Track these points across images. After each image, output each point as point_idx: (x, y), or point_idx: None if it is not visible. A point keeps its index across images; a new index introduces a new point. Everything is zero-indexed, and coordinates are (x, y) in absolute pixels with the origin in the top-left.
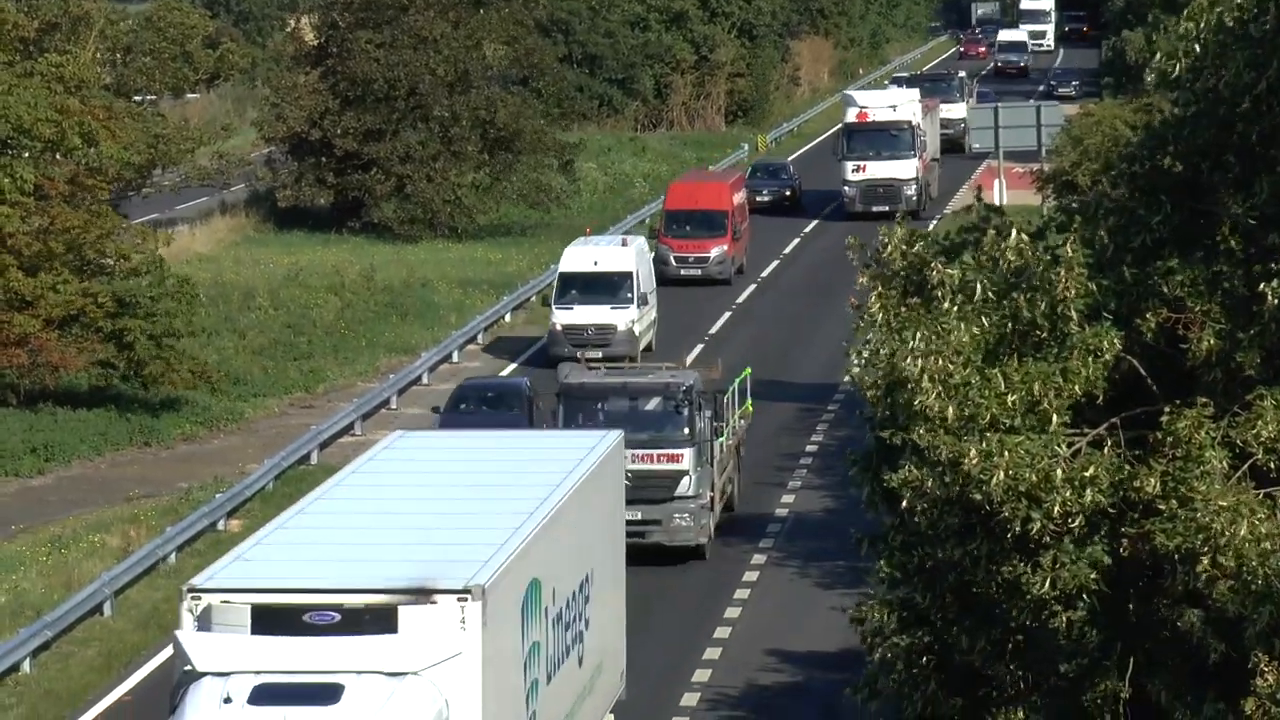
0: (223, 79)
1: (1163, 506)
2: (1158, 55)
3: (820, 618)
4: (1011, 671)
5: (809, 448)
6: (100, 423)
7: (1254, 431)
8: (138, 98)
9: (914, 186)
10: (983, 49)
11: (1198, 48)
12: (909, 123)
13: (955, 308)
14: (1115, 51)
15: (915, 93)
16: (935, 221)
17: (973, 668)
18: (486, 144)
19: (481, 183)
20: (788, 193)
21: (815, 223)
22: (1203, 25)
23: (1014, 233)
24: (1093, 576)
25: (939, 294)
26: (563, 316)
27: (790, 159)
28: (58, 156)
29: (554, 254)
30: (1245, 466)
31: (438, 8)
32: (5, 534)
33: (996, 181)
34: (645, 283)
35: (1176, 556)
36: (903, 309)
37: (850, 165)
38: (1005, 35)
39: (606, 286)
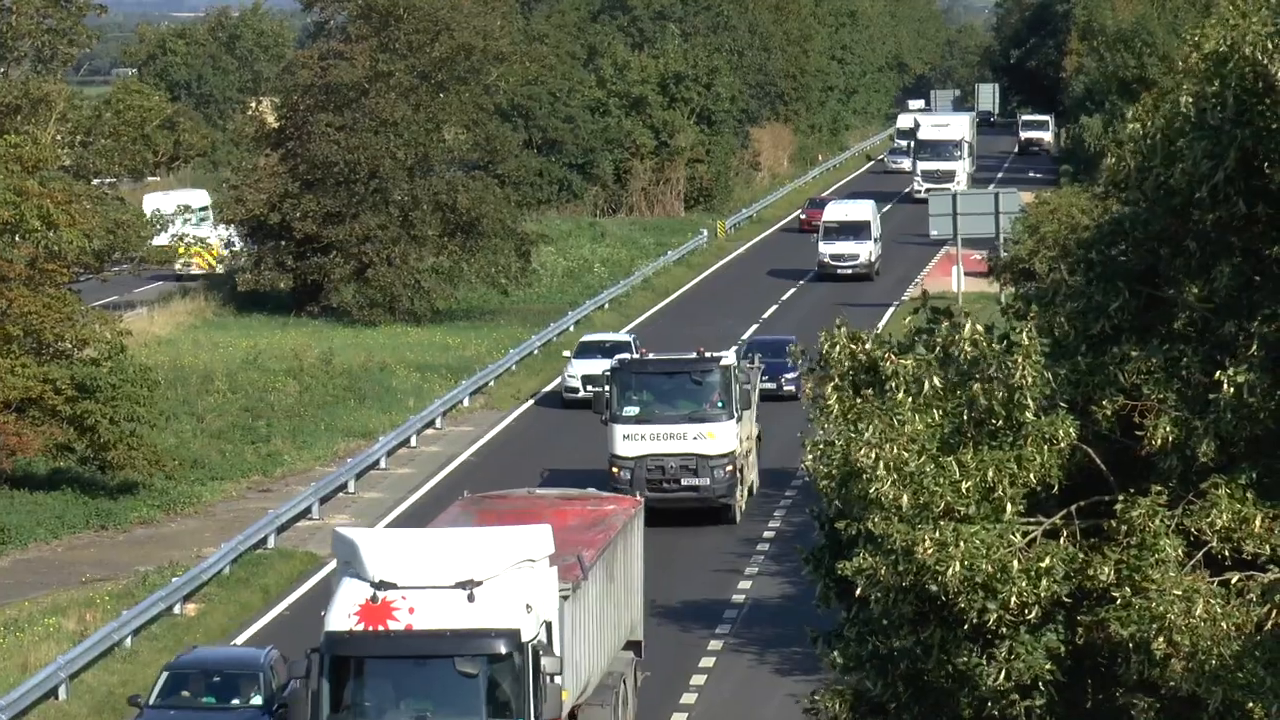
0: (182, 161)
1: (1117, 594)
2: (1109, 158)
3: (777, 705)
4: None
5: (766, 533)
6: (57, 506)
7: (1208, 519)
8: (97, 180)
9: None
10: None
11: (1145, 146)
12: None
13: (910, 398)
14: (1074, 139)
15: (536, 548)
16: (894, 308)
17: None
18: (447, 228)
19: (441, 267)
20: None
21: None
22: (1150, 125)
23: (969, 324)
24: (1048, 667)
25: (892, 385)
26: None
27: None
28: (16, 239)
29: (513, 338)
30: (1200, 554)
31: (398, 91)
32: None
33: (955, 268)
34: None
35: (1131, 644)
36: (858, 401)
37: None
38: (833, 210)
39: None
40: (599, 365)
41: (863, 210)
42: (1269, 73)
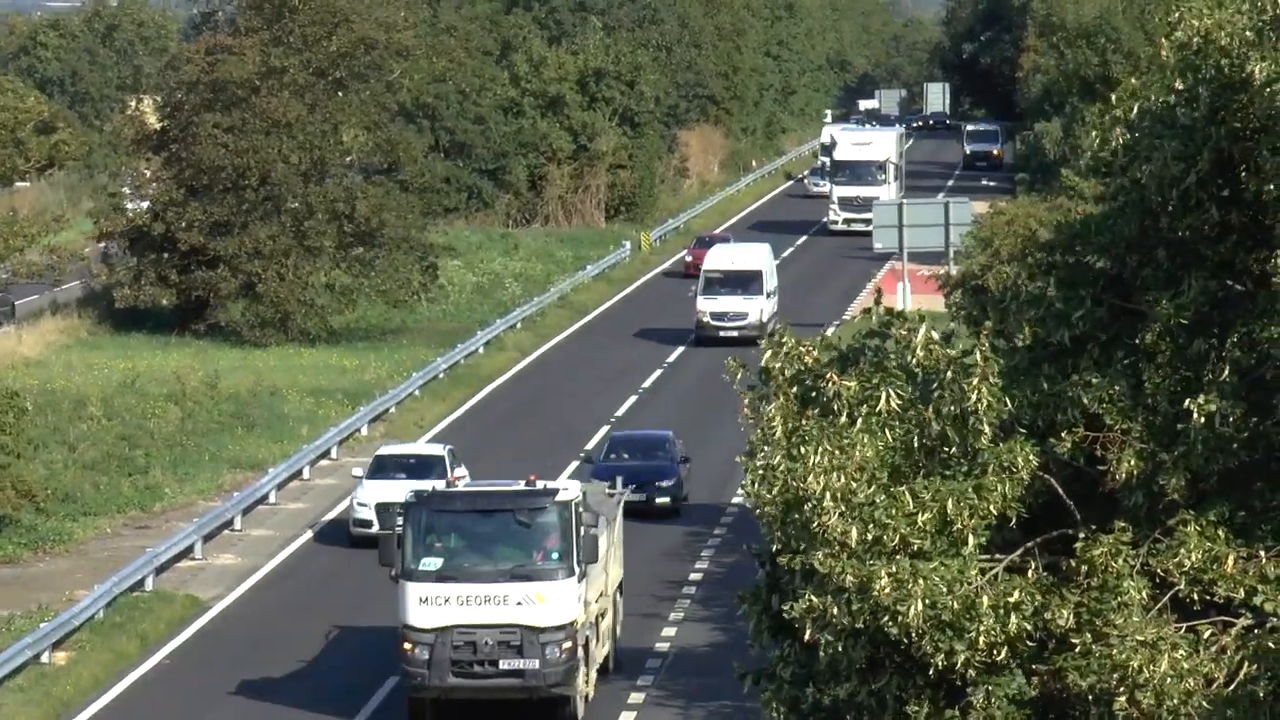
0: (57, 167)
1: (1076, 641)
2: (1095, 140)
3: None
4: None
5: (693, 575)
6: None
7: (1176, 560)
8: None
9: None
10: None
11: (1128, 134)
12: None
13: (858, 419)
14: (1030, 145)
15: None
16: (834, 326)
17: None
18: (344, 239)
19: (338, 281)
20: None
21: None
22: (1134, 111)
23: (922, 330)
24: (1027, 713)
25: (835, 406)
26: None
27: None
28: None
29: (417, 360)
30: (1166, 598)
31: (292, 89)
32: None
33: (900, 285)
34: None
35: (1090, 696)
36: (803, 421)
37: None
38: (717, 257)
39: None
40: (400, 489)
41: (754, 257)
42: (1246, 67)
